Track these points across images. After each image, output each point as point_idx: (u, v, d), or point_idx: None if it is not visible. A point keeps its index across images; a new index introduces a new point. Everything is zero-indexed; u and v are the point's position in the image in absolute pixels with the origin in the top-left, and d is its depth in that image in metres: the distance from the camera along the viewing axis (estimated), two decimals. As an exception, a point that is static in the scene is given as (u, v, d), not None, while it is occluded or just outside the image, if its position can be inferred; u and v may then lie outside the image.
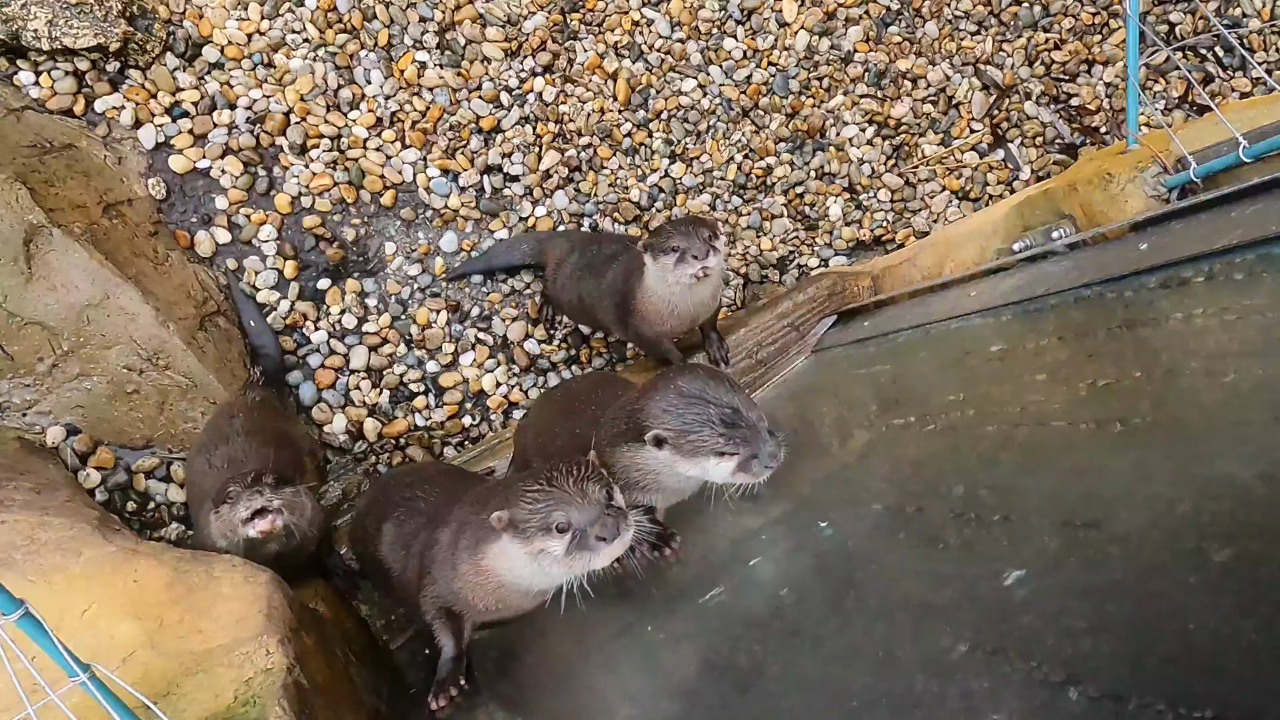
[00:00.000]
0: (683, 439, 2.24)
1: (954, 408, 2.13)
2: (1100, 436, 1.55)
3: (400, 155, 4.13)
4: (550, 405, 3.10)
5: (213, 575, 2.40)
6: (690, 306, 3.34)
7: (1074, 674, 1.07)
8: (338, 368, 4.00)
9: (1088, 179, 2.64)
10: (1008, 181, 4.67)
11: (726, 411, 2.21)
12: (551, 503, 2.16)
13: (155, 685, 2.07)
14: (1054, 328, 2.16)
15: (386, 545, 2.77)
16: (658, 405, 2.29)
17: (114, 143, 3.85)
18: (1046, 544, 1.32)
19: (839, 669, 1.35)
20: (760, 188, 4.53)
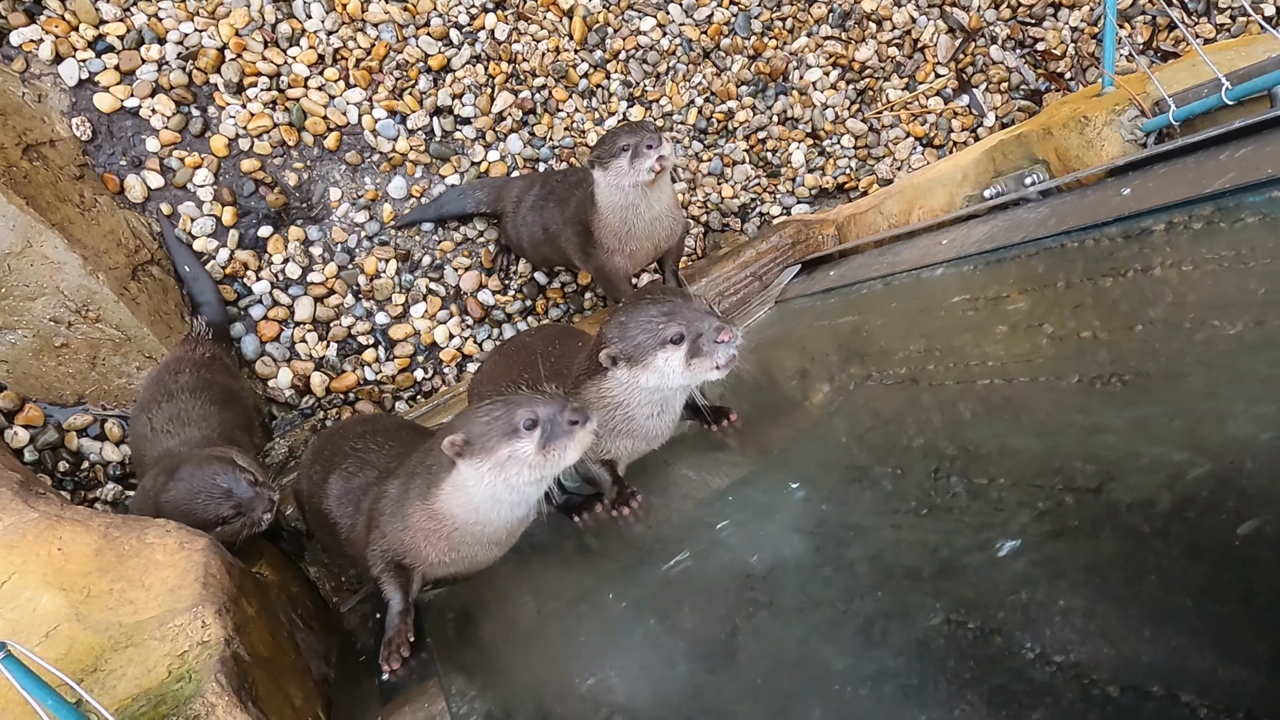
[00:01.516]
0: (631, 345, 2.22)
1: (931, 361, 2.04)
2: (1096, 393, 1.47)
3: (344, 95, 3.92)
4: (506, 358, 2.98)
5: (145, 541, 2.26)
6: (648, 221, 3.22)
7: (1074, 658, 1.00)
8: (282, 319, 3.82)
9: (1063, 122, 2.54)
10: (972, 128, 4.58)
11: (665, 307, 2.20)
12: (512, 405, 2.10)
13: (81, 661, 1.94)
14: (1033, 277, 2.08)
15: (333, 499, 2.64)
16: (608, 332, 2.29)
17: (32, 79, 3.58)
18: (1042, 510, 1.24)
19: (819, 646, 1.27)
20: (721, 133, 4.39)
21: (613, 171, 3.09)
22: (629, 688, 1.48)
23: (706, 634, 1.47)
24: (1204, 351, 1.39)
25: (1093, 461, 1.28)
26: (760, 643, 1.37)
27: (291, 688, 2.16)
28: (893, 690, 1.11)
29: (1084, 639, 1.01)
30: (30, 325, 3.28)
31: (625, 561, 2.01)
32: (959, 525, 1.34)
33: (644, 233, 3.22)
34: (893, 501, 1.54)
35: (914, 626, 1.18)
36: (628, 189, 3.11)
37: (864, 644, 1.21)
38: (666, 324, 2.18)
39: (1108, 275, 1.84)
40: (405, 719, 1.82)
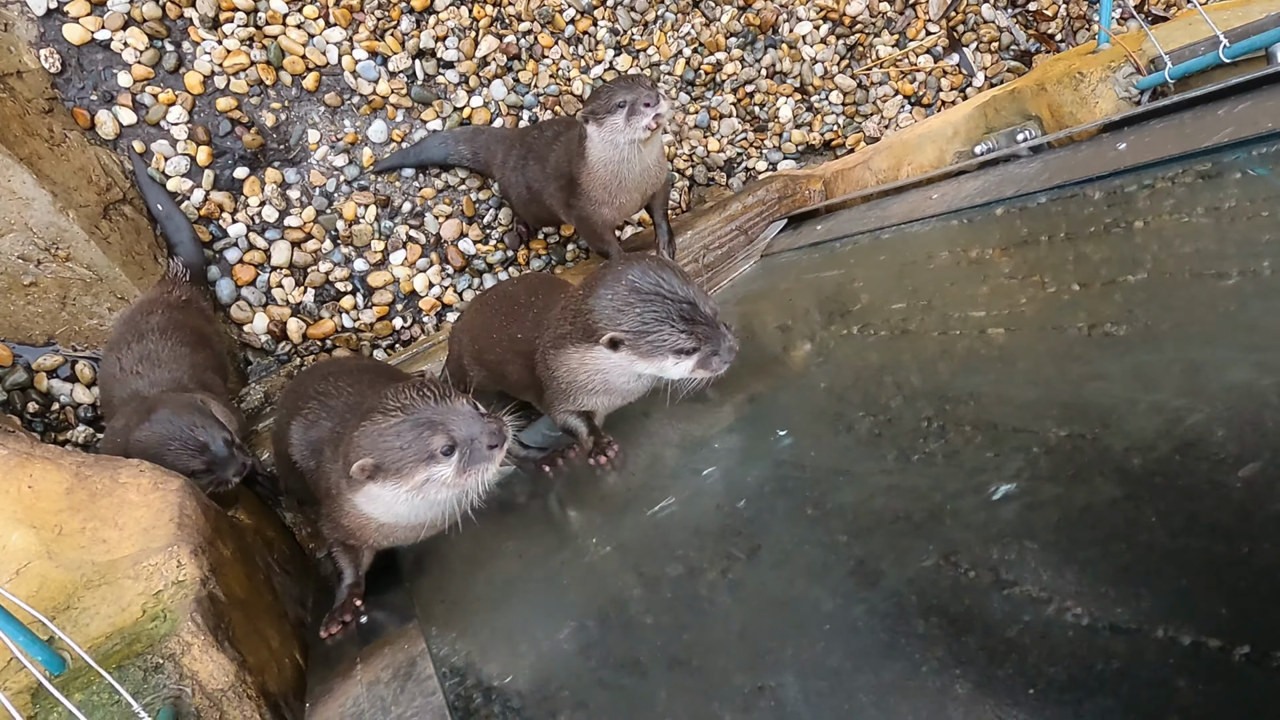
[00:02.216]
0: (641, 339, 2.12)
1: (920, 313, 2.03)
2: (1091, 342, 1.46)
3: (324, 34, 3.81)
4: (486, 308, 2.93)
5: (118, 481, 2.22)
6: (637, 174, 3.17)
7: (1072, 599, 0.99)
8: (258, 264, 3.75)
9: (1057, 78, 2.51)
10: (961, 87, 4.54)
11: (684, 307, 2.10)
12: (426, 429, 2.01)
13: (53, 599, 1.91)
14: (1027, 229, 2.06)
15: (295, 446, 2.60)
16: (610, 304, 2.15)
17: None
18: (1036, 455, 1.24)
19: (808, 586, 1.26)
20: (709, 85, 4.33)
21: (608, 128, 3.03)
22: (613, 631, 1.47)
23: (693, 577, 1.47)
24: (1202, 302, 1.38)
25: (1089, 408, 1.28)
26: (748, 584, 1.37)
27: (268, 630, 2.14)
28: (885, 630, 1.10)
29: (1081, 580, 1.01)
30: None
31: (609, 508, 2.00)
32: (951, 470, 1.33)
33: (633, 185, 3.18)
34: (883, 448, 1.53)
35: (907, 568, 1.17)
36: (622, 145, 3.06)
37: (855, 585, 1.21)
38: (687, 335, 2.10)
39: (1103, 228, 1.83)
40: (385, 660, 1.80)
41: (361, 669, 1.83)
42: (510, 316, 2.70)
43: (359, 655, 1.91)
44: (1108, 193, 1.96)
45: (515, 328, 2.63)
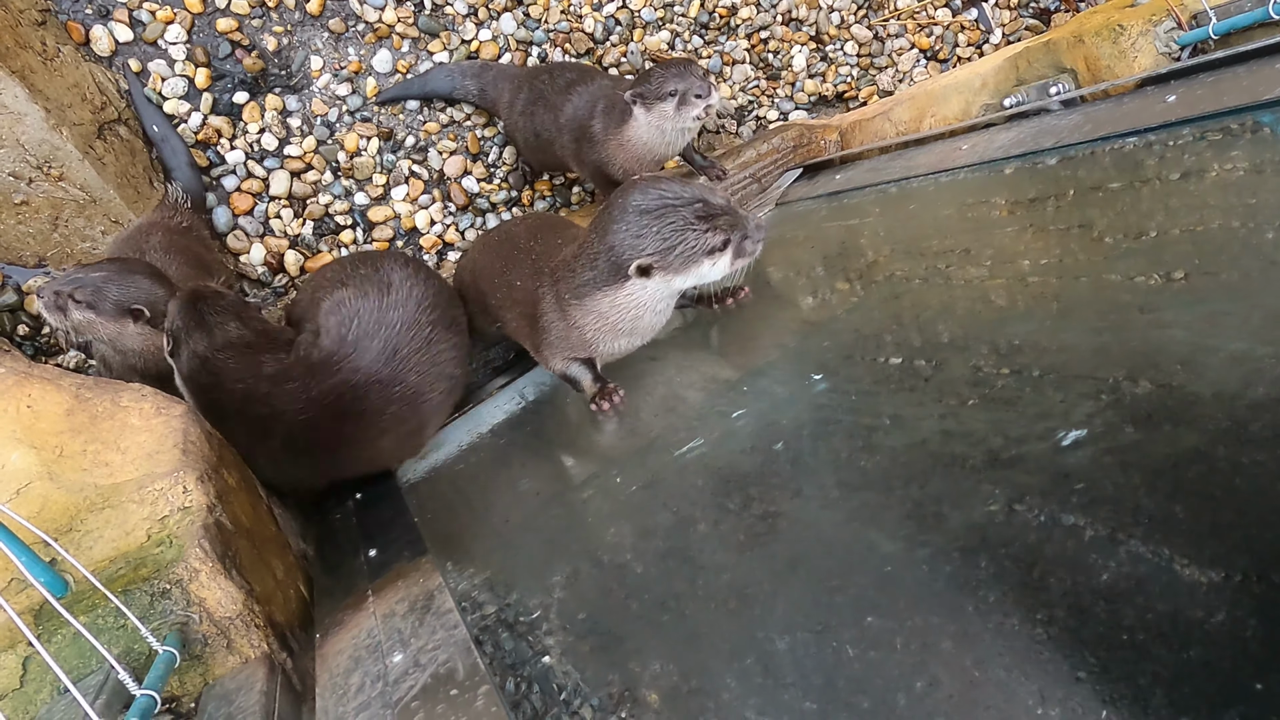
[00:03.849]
0: (670, 255, 2.09)
1: (961, 260, 1.98)
2: (1154, 290, 1.42)
3: (330, -44, 3.67)
4: (489, 250, 2.86)
5: (119, 404, 2.15)
6: (669, 149, 3.20)
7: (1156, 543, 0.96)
8: (256, 193, 3.64)
9: (1095, 30, 2.45)
10: (978, 44, 4.46)
11: (697, 207, 2.08)
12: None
13: (55, 520, 1.85)
14: (1070, 180, 2.01)
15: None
16: (626, 234, 2.11)
17: (-10, -90, 3.29)
18: (1108, 402, 1.20)
19: (862, 529, 1.22)
20: (723, 29, 4.22)
21: (656, 114, 3.03)
22: (649, 567, 1.44)
23: (732, 516, 1.43)
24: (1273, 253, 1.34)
25: (1162, 355, 1.24)
26: (795, 525, 1.33)
27: (273, 559, 2.09)
28: (952, 571, 1.07)
29: (1169, 528, 0.98)
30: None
31: (630, 448, 1.96)
32: (1013, 415, 1.30)
33: (662, 155, 3.21)
34: (932, 393, 1.49)
35: (972, 512, 1.14)
36: (668, 130, 3.06)
37: (916, 528, 1.17)
38: (714, 232, 2.08)
39: (1156, 179, 1.78)
40: (400, 593, 1.77)
41: (374, 601, 1.79)
42: (510, 262, 2.64)
43: (370, 588, 1.87)
44: (1158, 144, 1.91)
45: (514, 274, 2.57)
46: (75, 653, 1.66)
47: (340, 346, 2.47)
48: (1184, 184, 1.72)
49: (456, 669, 1.34)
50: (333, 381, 2.45)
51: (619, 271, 2.15)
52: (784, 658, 1.10)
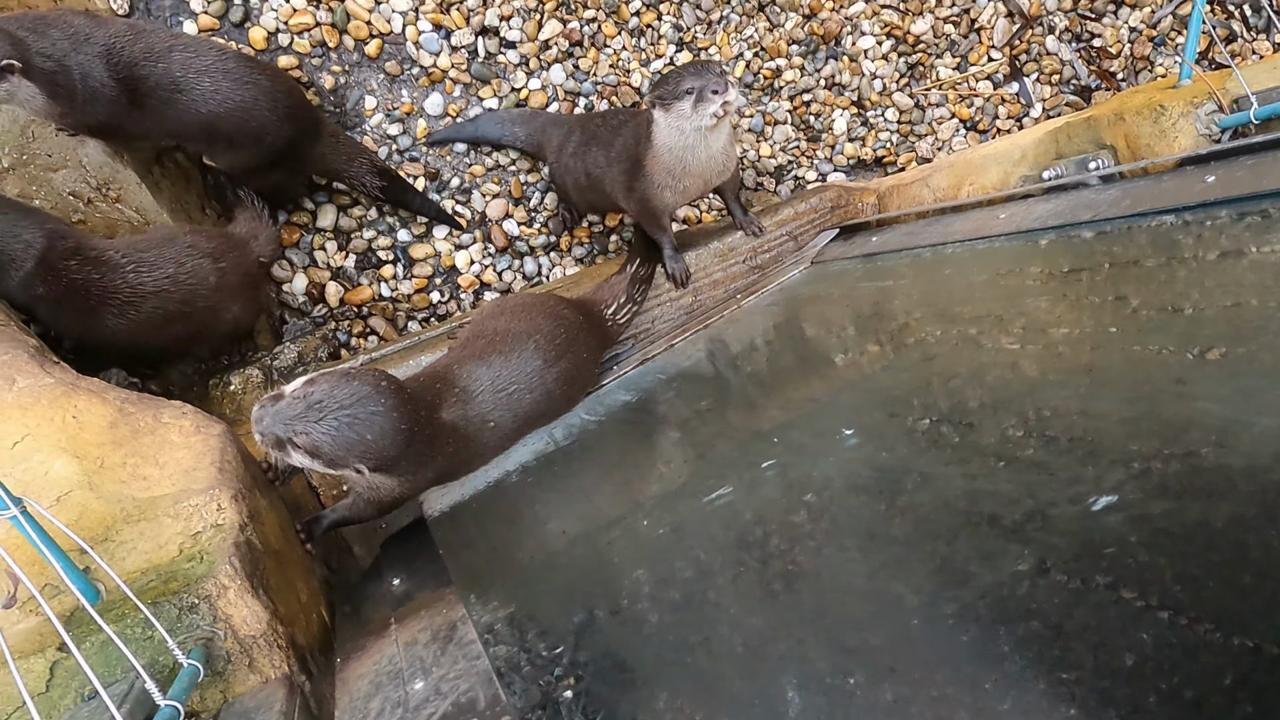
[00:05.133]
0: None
1: (994, 326, 2.00)
2: (1189, 364, 1.43)
3: (391, 2, 3.80)
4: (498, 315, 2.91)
5: (160, 421, 2.20)
6: (703, 162, 3.15)
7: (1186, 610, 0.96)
8: (303, 225, 3.74)
9: (1137, 109, 2.48)
10: (1018, 117, 4.52)
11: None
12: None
13: (92, 529, 1.89)
14: (1107, 253, 2.03)
15: None
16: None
17: (74, -55, 3.45)
18: (1137, 470, 1.21)
19: (889, 581, 1.23)
20: (767, 90, 4.31)
21: (674, 114, 3.00)
22: (675, 611, 1.45)
23: (760, 564, 1.44)
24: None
25: (1194, 428, 1.25)
26: (822, 575, 1.34)
27: (298, 582, 2.12)
28: (978, 629, 1.08)
29: (1195, 597, 0.98)
30: (49, 196, 3.20)
31: (658, 492, 1.98)
32: (1044, 479, 1.31)
33: (697, 171, 3.16)
34: (963, 453, 1.50)
35: (1000, 570, 1.14)
36: (688, 131, 3.03)
37: (943, 583, 1.18)
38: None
39: (1193, 257, 1.80)
40: (423, 622, 1.78)
41: (397, 629, 1.80)
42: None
43: (393, 616, 1.88)
44: (1195, 223, 1.94)
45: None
46: (101, 661, 1.69)
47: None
48: (1221, 264, 1.74)
49: (478, 699, 1.35)
50: None
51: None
52: (797, 717, 1.10)
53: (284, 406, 2.07)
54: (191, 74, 3.07)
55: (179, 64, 3.06)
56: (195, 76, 3.08)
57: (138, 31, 3.03)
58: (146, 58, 2.99)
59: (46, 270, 2.70)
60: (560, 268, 4.03)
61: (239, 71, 3.16)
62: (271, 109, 3.24)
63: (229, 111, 3.15)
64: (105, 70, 2.91)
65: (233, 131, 3.20)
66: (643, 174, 3.17)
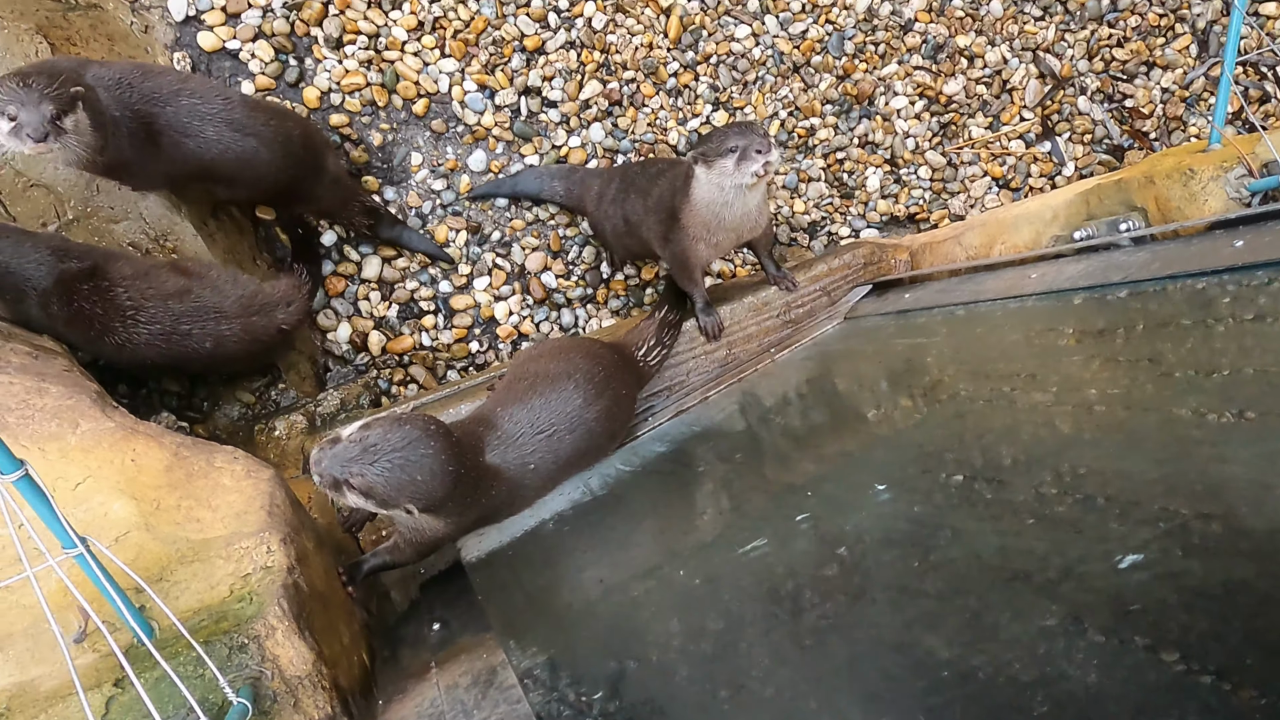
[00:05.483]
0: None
1: (1026, 385, 2.04)
2: (1215, 427, 1.46)
3: (438, 64, 3.96)
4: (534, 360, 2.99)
5: (213, 465, 2.29)
6: (739, 217, 3.24)
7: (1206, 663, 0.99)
8: (349, 275, 3.86)
9: (1166, 173, 2.53)
10: (1050, 175, 4.57)
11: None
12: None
13: (148, 569, 1.96)
14: (1137, 315, 2.07)
15: None
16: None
17: (142, 9, 3.65)
18: (1166, 530, 1.24)
19: (921, 633, 1.26)
20: (801, 148, 4.40)
21: (716, 170, 3.09)
22: (711, 660, 1.48)
23: (792, 617, 1.47)
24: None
25: (1220, 489, 1.28)
26: (856, 627, 1.37)
27: (341, 626, 2.17)
28: (1007, 682, 1.10)
29: (1219, 652, 1.01)
30: (110, 246, 3.33)
31: (694, 542, 2.02)
32: (1072, 536, 1.34)
33: (732, 225, 3.24)
34: (994, 510, 1.53)
35: (1028, 625, 1.17)
36: (728, 188, 3.11)
37: (974, 636, 1.21)
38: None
39: (1220, 320, 1.83)
40: (463, 666, 1.82)
41: (438, 673, 1.85)
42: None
43: (433, 660, 1.93)
44: (1225, 287, 1.97)
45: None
46: (154, 697, 1.74)
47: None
48: (1252, 327, 1.77)
49: (518, 742, 1.38)
50: None
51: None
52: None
53: (341, 449, 2.17)
54: (196, 120, 3.19)
55: (186, 109, 3.17)
56: (200, 123, 3.19)
57: (145, 72, 3.16)
58: (155, 99, 3.12)
59: (62, 291, 2.85)
60: (596, 319, 4.12)
61: (243, 121, 3.28)
62: (270, 158, 3.36)
63: (231, 159, 3.28)
64: (122, 108, 3.03)
65: (232, 175, 3.34)
66: (678, 226, 3.26)
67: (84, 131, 2.84)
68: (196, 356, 3.12)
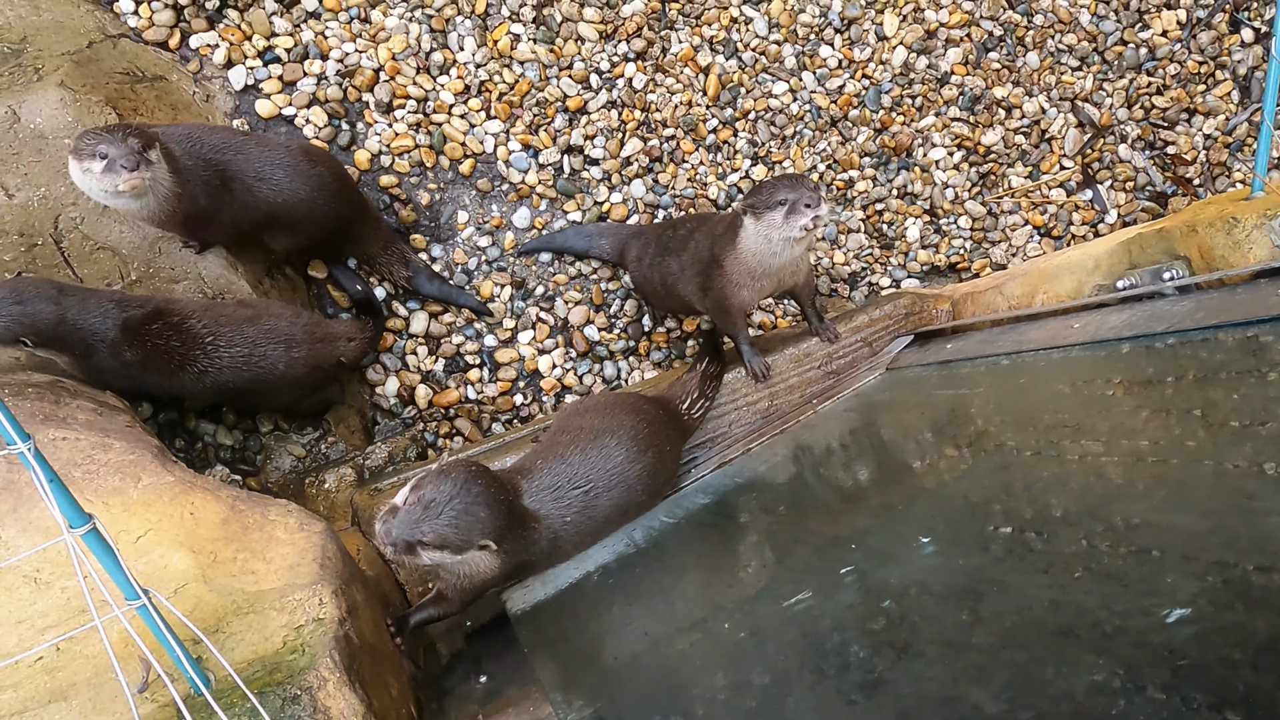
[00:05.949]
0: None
1: (1070, 436, 2.03)
2: (1264, 479, 1.45)
3: (484, 125, 4.08)
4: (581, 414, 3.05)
5: (268, 518, 2.35)
6: (782, 265, 3.31)
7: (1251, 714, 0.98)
8: (397, 330, 3.96)
9: (1209, 221, 2.53)
10: (1093, 223, 4.55)
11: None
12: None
13: (205, 620, 2.01)
14: (1182, 365, 2.06)
15: None
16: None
17: (204, 80, 3.83)
18: (1214, 584, 1.23)
19: (969, 688, 1.26)
20: (839, 200, 4.44)
21: (765, 223, 3.16)
22: (753, 716, 1.48)
23: (838, 672, 1.47)
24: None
25: (1268, 543, 1.27)
26: (903, 681, 1.37)
27: (389, 678, 2.20)
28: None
29: (1269, 707, 1.00)
30: (168, 297, 3.46)
31: (738, 596, 2.02)
32: (1118, 590, 1.33)
33: (774, 273, 3.32)
34: (1039, 563, 1.53)
35: (1076, 680, 1.17)
36: (775, 240, 3.17)
37: (1021, 690, 1.20)
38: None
39: (1269, 370, 1.82)
40: (510, 719, 1.84)
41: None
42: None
43: (480, 712, 1.94)
44: (1270, 337, 1.95)
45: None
46: (210, 748, 1.78)
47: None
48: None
49: (567, 796, 1.39)
50: None
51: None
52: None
53: (404, 514, 2.27)
54: (267, 166, 3.41)
55: (256, 157, 3.40)
56: (270, 169, 3.41)
57: (210, 128, 3.44)
58: (224, 148, 3.34)
59: (130, 336, 3.01)
60: (639, 371, 4.16)
61: (303, 166, 3.50)
62: (329, 200, 3.56)
63: (298, 202, 3.48)
64: (194, 158, 3.25)
65: (298, 220, 3.52)
66: (721, 273, 3.33)
67: (164, 169, 3.05)
68: (271, 378, 3.29)
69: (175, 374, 3.12)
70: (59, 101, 3.29)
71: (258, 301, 3.43)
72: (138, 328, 3.01)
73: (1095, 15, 4.59)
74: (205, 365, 3.14)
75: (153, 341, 3.03)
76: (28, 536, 2.16)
